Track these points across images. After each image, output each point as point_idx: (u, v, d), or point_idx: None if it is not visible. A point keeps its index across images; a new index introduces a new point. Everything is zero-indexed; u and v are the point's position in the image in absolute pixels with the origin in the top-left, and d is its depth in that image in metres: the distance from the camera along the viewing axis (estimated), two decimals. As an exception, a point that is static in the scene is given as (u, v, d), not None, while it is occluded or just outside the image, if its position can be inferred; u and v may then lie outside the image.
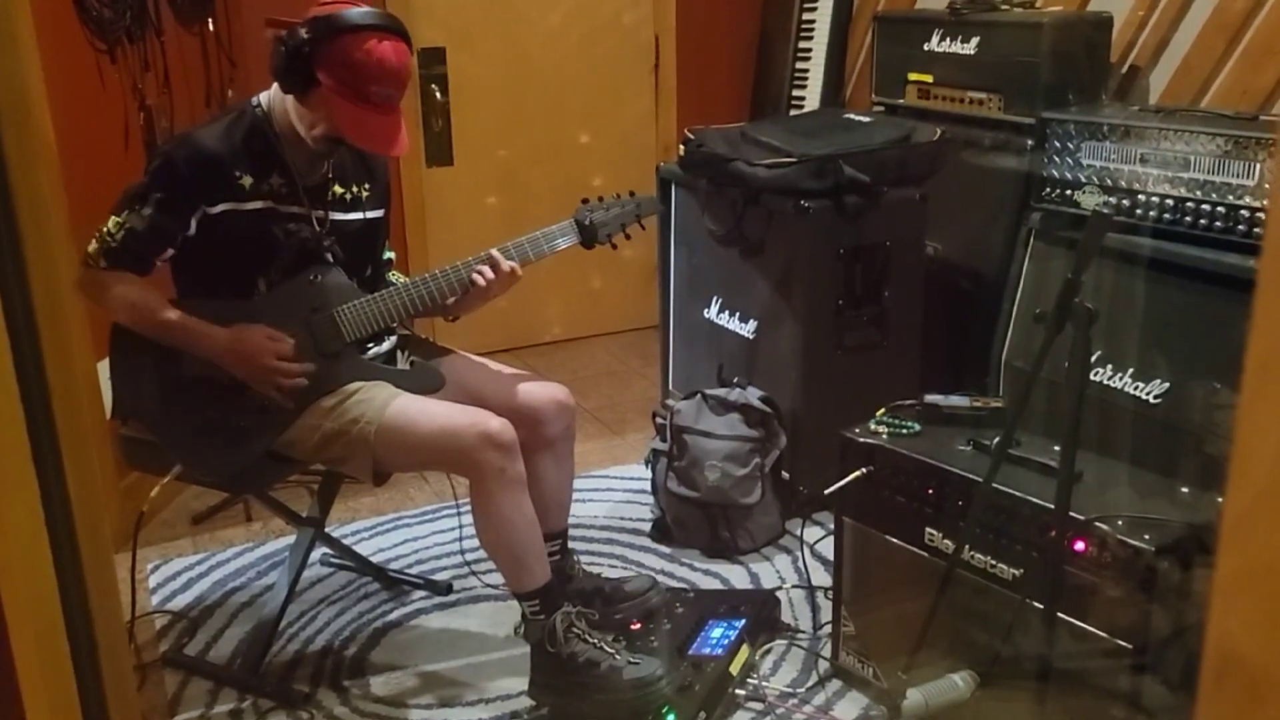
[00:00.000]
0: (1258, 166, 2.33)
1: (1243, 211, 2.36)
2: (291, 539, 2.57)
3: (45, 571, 0.92)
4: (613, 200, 2.33)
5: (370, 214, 2.31)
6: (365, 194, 2.29)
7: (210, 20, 3.38)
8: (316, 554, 2.67)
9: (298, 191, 2.16)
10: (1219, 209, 2.40)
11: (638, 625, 2.35)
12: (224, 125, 2.14)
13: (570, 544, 2.43)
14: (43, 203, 0.92)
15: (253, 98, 2.18)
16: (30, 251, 0.85)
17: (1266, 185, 2.30)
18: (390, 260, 2.45)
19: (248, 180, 2.10)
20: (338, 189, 2.25)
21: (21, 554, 0.85)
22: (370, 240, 2.33)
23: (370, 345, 2.25)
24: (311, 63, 2.01)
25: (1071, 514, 1.72)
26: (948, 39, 3.22)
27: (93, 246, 2.09)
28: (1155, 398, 2.47)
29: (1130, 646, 1.74)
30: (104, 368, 2.77)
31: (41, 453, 0.86)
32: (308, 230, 2.18)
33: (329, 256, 2.22)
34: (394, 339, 2.32)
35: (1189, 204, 2.46)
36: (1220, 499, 1.90)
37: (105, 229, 2.08)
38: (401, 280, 2.36)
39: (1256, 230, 2.33)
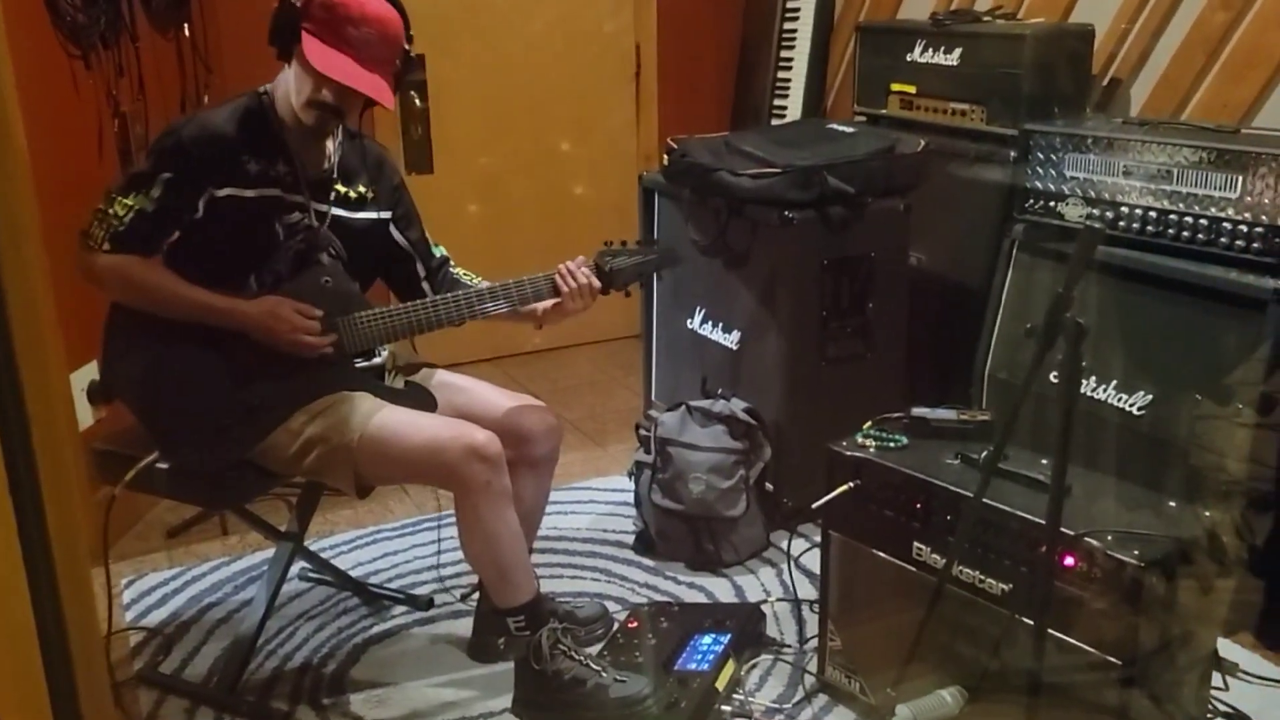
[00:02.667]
0: (1239, 179, 2.34)
1: (1224, 224, 2.37)
2: (268, 552, 2.53)
3: (20, 593, 0.89)
4: (635, 248, 2.31)
5: (381, 214, 2.28)
6: (371, 194, 2.26)
7: (186, 26, 3.34)
8: (294, 569, 2.63)
9: (300, 182, 2.13)
10: (1201, 221, 2.41)
11: (635, 624, 2.36)
12: (230, 109, 2.11)
13: (552, 556, 2.41)
14: (19, 216, 0.89)
15: (261, 86, 2.15)
16: (7, 266, 0.82)
17: (1248, 199, 2.32)
18: (446, 258, 2.40)
19: (253, 166, 2.07)
20: (341, 187, 2.21)
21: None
22: (376, 241, 2.29)
23: (359, 359, 2.21)
24: (297, 18, 1.99)
25: (1060, 529, 1.72)
26: (930, 50, 3.23)
27: (96, 230, 2.03)
28: (1139, 409, 2.47)
29: (1118, 661, 1.73)
30: (77, 378, 2.73)
31: (17, 472, 0.83)
32: (310, 221, 2.14)
33: (330, 251, 2.17)
34: (386, 353, 2.29)
35: (1171, 216, 2.47)
36: (1206, 512, 1.90)
37: (110, 211, 2.02)
38: (469, 279, 2.37)
39: (1239, 243, 2.34)
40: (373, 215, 2.26)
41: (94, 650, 1.03)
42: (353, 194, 2.23)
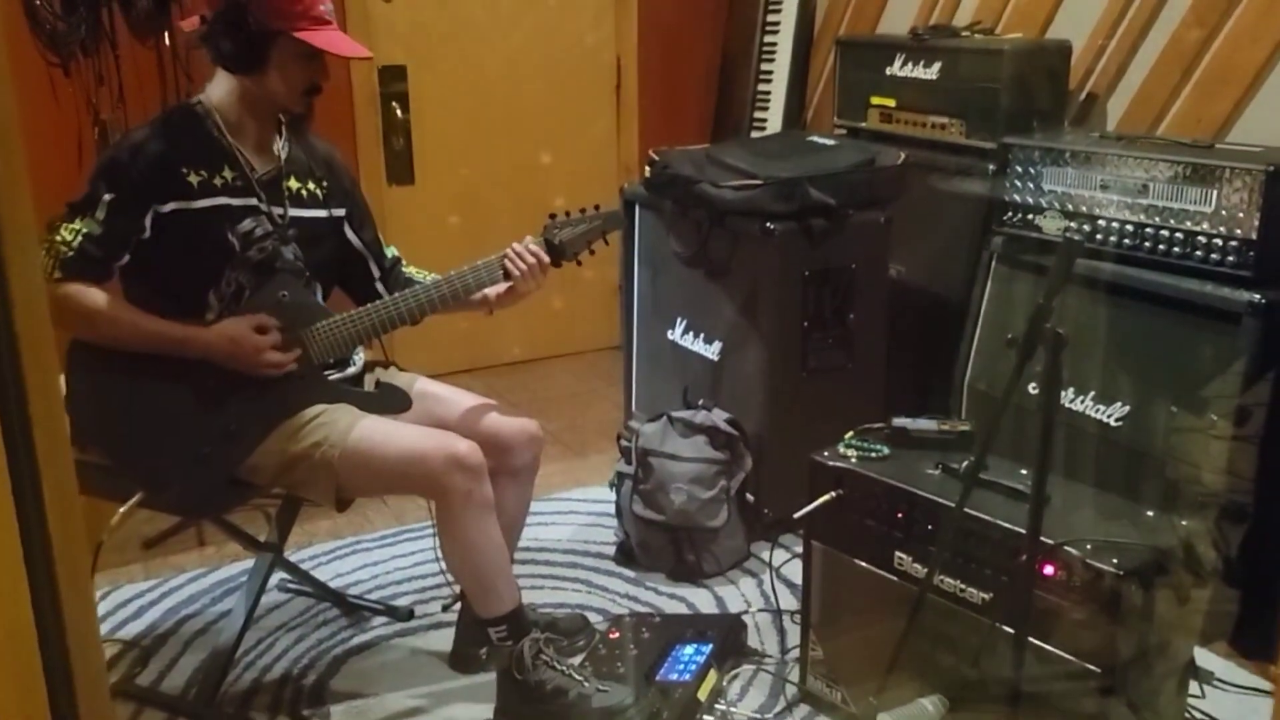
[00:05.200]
0: (1213, 193, 2.37)
1: (1199, 238, 2.40)
2: (246, 564, 2.51)
3: (21, 597, 0.88)
4: (579, 216, 2.31)
5: (335, 211, 2.27)
6: (324, 191, 2.25)
7: (166, 34, 3.32)
8: (273, 579, 2.61)
9: (251, 184, 2.12)
10: (1176, 235, 2.45)
11: (616, 634, 2.35)
12: (163, 122, 2.12)
13: (533, 567, 2.40)
14: (26, 224, 0.88)
15: (190, 98, 2.16)
16: (12, 268, 0.82)
17: (1223, 213, 2.35)
18: (398, 258, 2.40)
19: (195, 178, 2.06)
20: (293, 184, 2.19)
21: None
22: (331, 240, 2.28)
23: (333, 370, 2.21)
24: (260, 23, 2.02)
25: (1040, 538, 1.73)
26: (910, 64, 3.26)
27: (44, 259, 1.99)
28: (1116, 420, 2.50)
29: (1097, 669, 1.75)
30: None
31: (20, 476, 0.82)
32: (267, 225, 2.13)
33: (291, 254, 2.16)
34: (361, 361, 2.28)
35: (1147, 230, 2.50)
36: (1182, 522, 1.92)
37: (56, 239, 2.00)
38: (421, 276, 2.36)
39: (1213, 256, 2.37)
40: (325, 213, 2.25)
41: (93, 654, 1.02)
42: (304, 191, 2.22)
